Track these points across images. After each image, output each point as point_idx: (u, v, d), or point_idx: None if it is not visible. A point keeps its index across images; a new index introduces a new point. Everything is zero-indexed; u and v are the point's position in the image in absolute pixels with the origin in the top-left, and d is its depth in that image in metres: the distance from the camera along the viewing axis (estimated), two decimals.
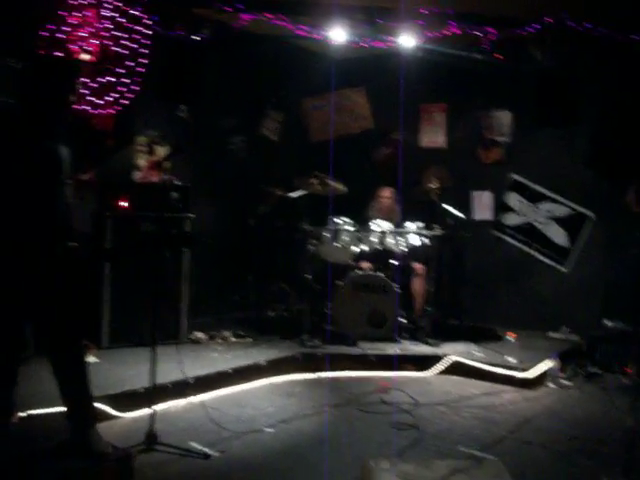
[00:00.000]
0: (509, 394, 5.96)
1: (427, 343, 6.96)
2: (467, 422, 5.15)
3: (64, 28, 5.66)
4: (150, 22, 6.06)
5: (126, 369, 5.51)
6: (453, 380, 6.37)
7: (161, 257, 5.62)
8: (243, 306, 7.71)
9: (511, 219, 8.24)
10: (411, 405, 5.46)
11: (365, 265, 7.35)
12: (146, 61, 6.09)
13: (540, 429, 5.07)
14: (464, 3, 6.56)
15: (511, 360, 6.42)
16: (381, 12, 6.53)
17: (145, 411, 4.58)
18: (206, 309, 7.22)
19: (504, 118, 8.24)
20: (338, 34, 6.94)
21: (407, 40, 7.09)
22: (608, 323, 6.88)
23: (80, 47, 5.77)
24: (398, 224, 7.52)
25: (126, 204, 6.26)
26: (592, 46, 6.79)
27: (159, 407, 4.62)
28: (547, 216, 7.94)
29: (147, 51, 6.09)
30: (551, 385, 6.24)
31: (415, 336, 7.15)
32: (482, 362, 6.45)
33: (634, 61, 6.73)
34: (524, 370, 6.21)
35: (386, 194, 7.90)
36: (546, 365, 6.37)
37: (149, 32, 6.07)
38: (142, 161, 7.16)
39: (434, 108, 8.78)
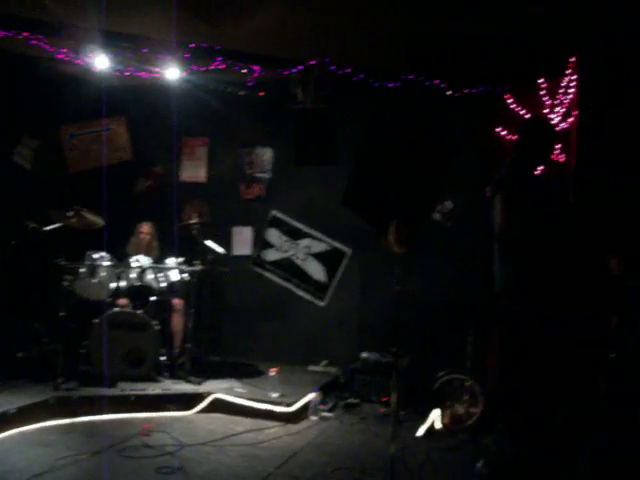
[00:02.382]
0: (273, 429, 5.96)
1: (189, 381, 6.79)
2: (233, 461, 5.06)
3: None
4: None
5: None
6: (217, 418, 6.25)
7: None
8: None
9: (271, 255, 8.35)
10: (175, 447, 5.26)
11: (122, 302, 7.05)
12: None
13: (305, 463, 5.11)
14: (231, 40, 6.59)
15: (274, 395, 6.43)
16: (148, 42, 6.37)
17: None
18: None
19: (265, 155, 8.39)
20: (101, 61, 6.66)
21: (172, 72, 6.99)
22: (365, 355, 7.17)
23: None
24: (158, 260, 7.32)
25: None
26: (351, 89, 7.16)
27: None
28: (306, 252, 8.15)
29: None
30: (313, 418, 6.33)
31: (176, 374, 6.96)
32: (245, 398, 6.40)
33: (387, 106, 7.18)
34: (287, 405, 6.26)
35: (145, 229, 7.66)
36: (308, 398, 6.45)
37: None
38: None
39: (196, 142, 8.71)
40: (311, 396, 6.47)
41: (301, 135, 7.29)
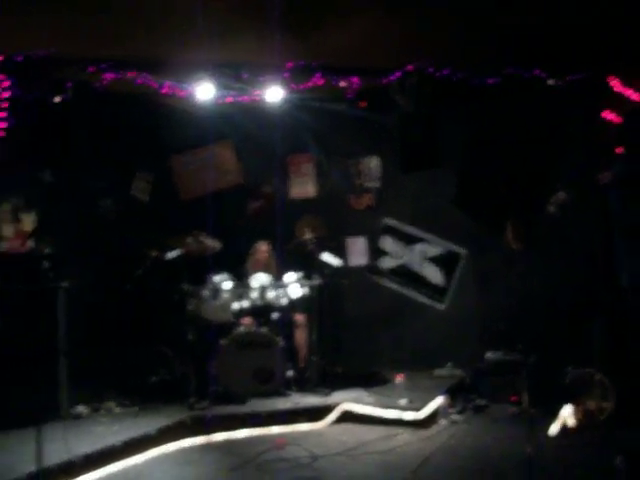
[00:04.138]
0: (404, 436, 5.96)
1: (317, 393, 6.89)
2: (368, 469, 5.10)
3: None
4: (8, 83, 5.79)
5: (5, 455, 5.07)
6: (347, 428, 6.31)
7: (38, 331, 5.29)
8: (125, 373, 7.34)
9: (387, 262, 8.38)
10: (310, 458, 5.34)
11: (247, 321, 7.24)
12: (5, 124, 5.82)
13: (439, 467, 5.10)
14: (327, 55, 6.67)
15: (402, 402, 6.44)
16: (247, 66, 6.56)
17: None
18: (86, 380, 6.80)
19: (373, 164, 8.44)
20: (204, 90, 6.90)
21: (273, 93, 7.15)
22: (489, 355, 7.07)
23: None
24: (277, 277, 7.48)
25: None
26: (451, 90, 7.11)
27: None
28: (421, 257, 8.13)
29: (6, 114, 5.81)
30: (443, 422, 6.30)
31: (304, 388, 7.07)
32: (374, 407, 6.43)
33: (489, 103, 7.11)
34: (416, 410, 6.25)
35: (262, 248, 7.85)
36: (436, 403, 6.43)
37: (7, 94, 5.79)
38: (7, 230, 6.79)
39: (301, 159, 8.84)
40: (439, 400, 6.44)
41: (405, 141, 7.29)
